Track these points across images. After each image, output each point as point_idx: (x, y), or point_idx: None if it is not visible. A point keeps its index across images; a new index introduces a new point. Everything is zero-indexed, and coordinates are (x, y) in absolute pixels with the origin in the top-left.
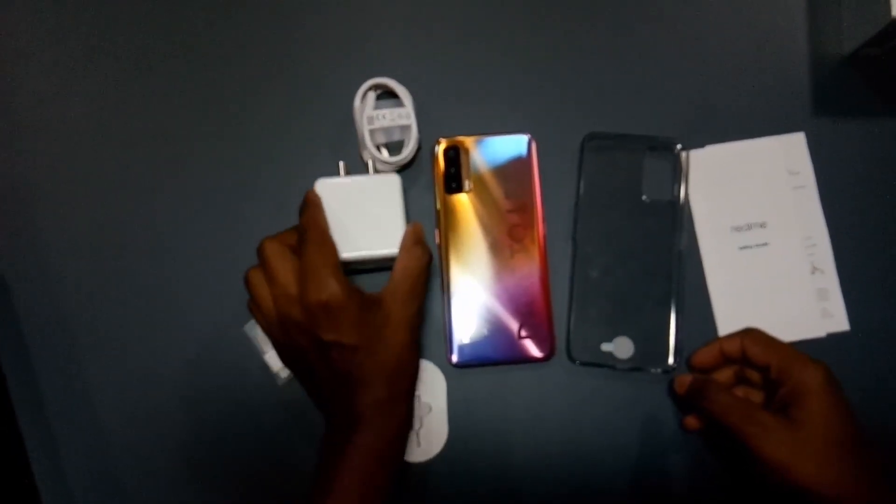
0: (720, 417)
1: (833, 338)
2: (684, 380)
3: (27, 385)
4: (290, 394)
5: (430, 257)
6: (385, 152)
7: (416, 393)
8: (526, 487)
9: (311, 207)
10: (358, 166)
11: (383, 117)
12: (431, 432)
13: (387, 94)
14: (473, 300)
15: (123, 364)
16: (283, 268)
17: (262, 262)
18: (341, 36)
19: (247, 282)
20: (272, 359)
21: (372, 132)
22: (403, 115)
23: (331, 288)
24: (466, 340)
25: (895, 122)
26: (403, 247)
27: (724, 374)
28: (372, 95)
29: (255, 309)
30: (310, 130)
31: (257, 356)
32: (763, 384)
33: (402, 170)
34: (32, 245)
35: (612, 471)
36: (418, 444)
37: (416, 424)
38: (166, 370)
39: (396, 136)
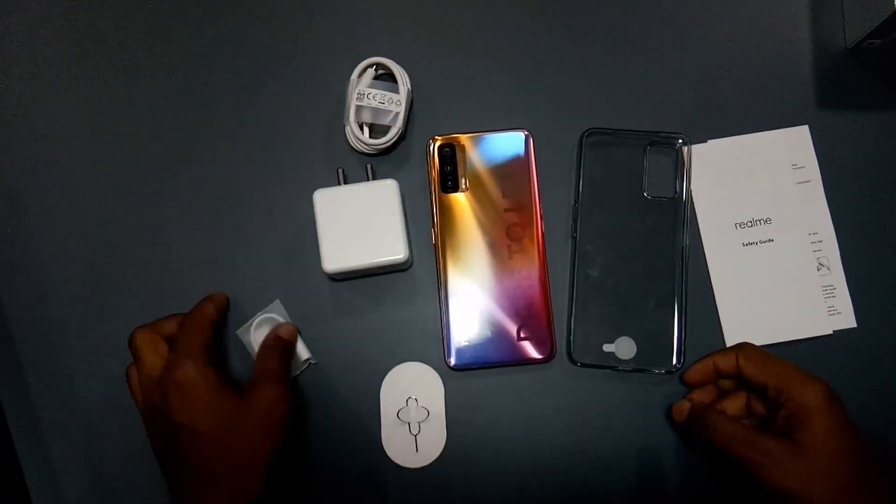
0: (723, 447)
1: (840, 335)
2: (683, 407)
3: (18, 389)
4: None
5: (286, 366)
6: (366, 132)
7: (413, 397)
8: (526, 492)
9: (203, 300)
10: (358, 173)
11: (373, 97)
12: (429, 437)
13: (388, 77)
14: (471, 301)
15: (116, 369)
16: (151, 354)
17: (132, 352)
18: (336, 34)
19: (127, 381)
20: None
21: (358, 109)
22: (394, 101)
23: (185, 367)
24: (464, 343)
25: None
26: (262, 348)
27: (727, 383)
28: (370, 74)
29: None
30: (304, 134)
31: (250, 360)
32: (761, 396)
33: (379, 155)
34: (23, 249)
35: (615, 474)
36: (416, 449)
37: (415, 429)
38: None
39: (385, 121)
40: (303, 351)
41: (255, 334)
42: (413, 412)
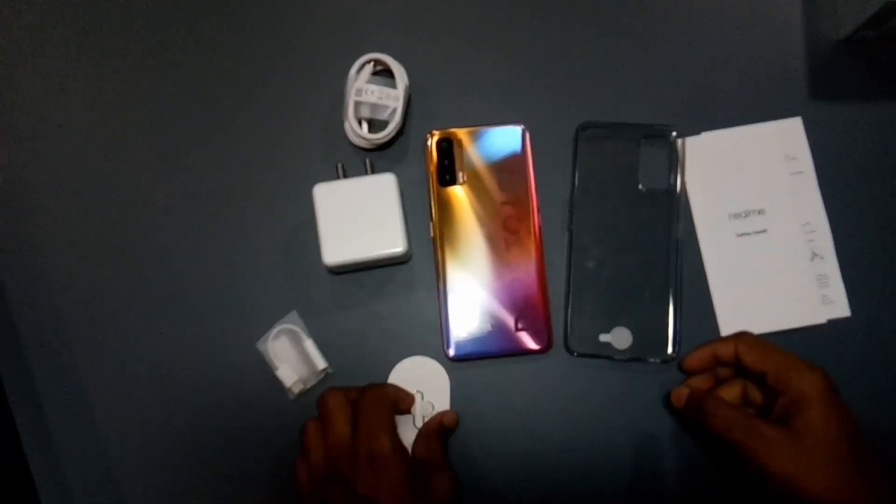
0: (722, 433)
1: (834, 324)
2: (681, 393)
3: (25, 390)
4: (301, 409)
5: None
6: (365, 128)
7: (419, 391)
8: (524, 480)
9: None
10: (357, 168)
11: (371, 93)
12: None
13: (386, 73)
14: (469, 293)
15: (120, 367)
16: (342, 418)
17: (322, 413)
18: (334, 31)
19: (303, 432)
20: (284, 373)
21: (357, 104)
22: (392, 97)
23: (381, 440)
24: (463, 334)
25: (892, 104)
26: (426, 431)
27: (724, 372)
28: (369, 70)
29: (301, 462)
30: (303, 129)
31: (269, 372)
32: (758, 384)
33: (378, 150)
34: (28, 247)
35: (612, 463)
36: None
37: (419, 423)
38: (166, 378)
39: (383, 116)
40: (319, 361)
41: (273, 345)
42: (419, 406)
